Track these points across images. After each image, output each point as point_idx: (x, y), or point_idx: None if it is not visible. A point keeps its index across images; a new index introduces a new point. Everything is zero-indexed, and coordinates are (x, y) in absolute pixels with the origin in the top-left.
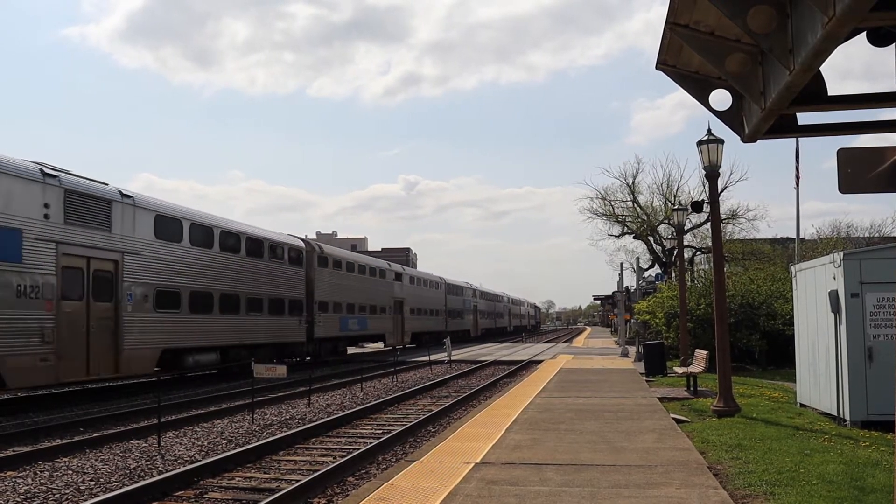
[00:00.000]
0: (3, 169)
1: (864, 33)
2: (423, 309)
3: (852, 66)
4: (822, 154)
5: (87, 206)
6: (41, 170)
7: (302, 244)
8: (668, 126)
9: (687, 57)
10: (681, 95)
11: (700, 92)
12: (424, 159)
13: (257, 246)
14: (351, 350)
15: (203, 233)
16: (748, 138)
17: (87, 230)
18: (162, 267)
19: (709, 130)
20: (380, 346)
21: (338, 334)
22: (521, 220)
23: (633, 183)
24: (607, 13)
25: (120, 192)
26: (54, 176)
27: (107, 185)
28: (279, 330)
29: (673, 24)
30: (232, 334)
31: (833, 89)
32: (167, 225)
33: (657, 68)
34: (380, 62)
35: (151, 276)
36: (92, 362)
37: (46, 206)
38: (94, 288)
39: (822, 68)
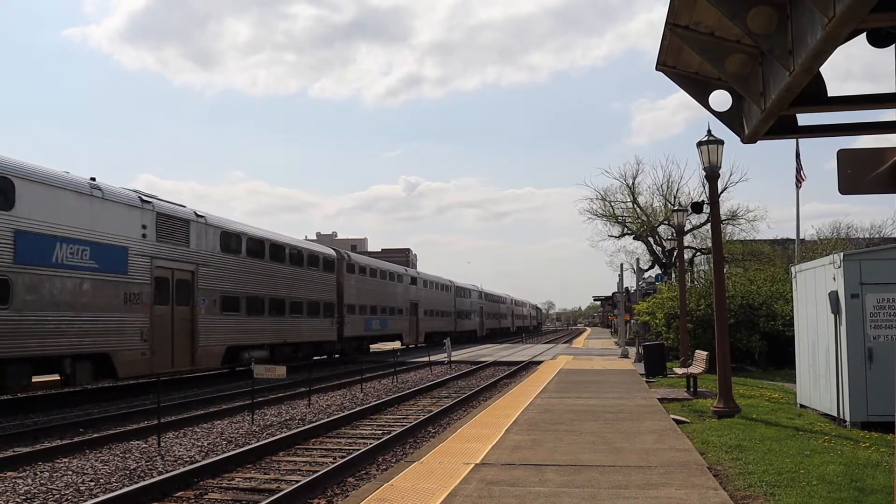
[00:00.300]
0: (113, 198)
1: (864, 34)
2: (435, 310)
3: (853, 67)
4: (823, 155)
5: (172, 225)
6: (139, 197)
7: (334, 253)
8: (669, 127)
9: (687, 58)
10: (682, 96)
11: (700, 93)
12: (425, 160)
13: (298, 256)
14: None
15: (256, 245)
16: (748, 139)
17: (172, 246)
18: (226, 276)
19: (709, 131)
20: (397, 344)
21: (363, 333)
22: (522, 220)
23: (633, 184)
24: (609, 14)
25: (195, 212)
26: (148, 202)
27: (184, 207)
28: (316, 330)
29: (673, 24)
30: (279, 334)
31: (834, 90)
32: (230, 239)
33: (657, 69)
34: (381, 63)
35: (218, 284)
36: (175, 357)
37: (144, 227)
38: (176, 294)
39: (822, 69)
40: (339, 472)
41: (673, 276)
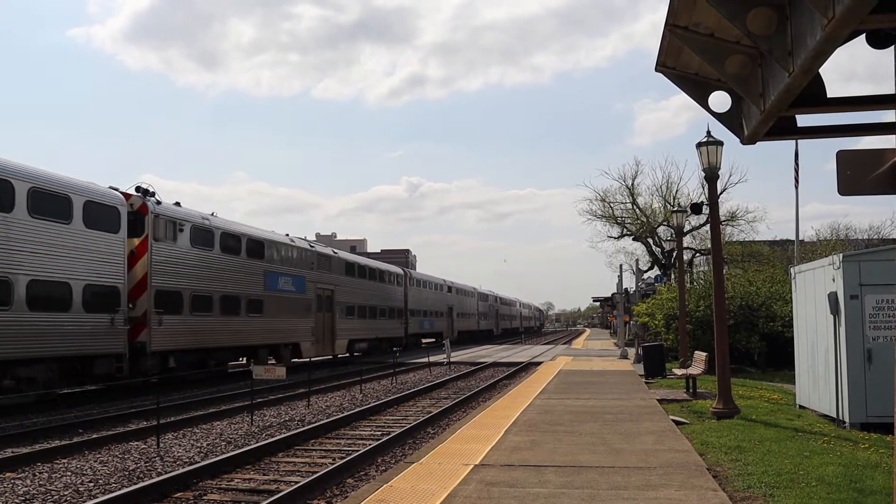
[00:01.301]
0: (298, 245)
1: (864, 35)
2: (464, 312)
3: (856, 67)
4: (824, 156)
5: (323, 260)
6: (309, 244)
7: (402, 272)
8: (672, 128)
9: (686, 59)
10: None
11: (699, 94)
12: (427, 161)
13: (381, 274)
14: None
15: (362, 270)
16: (747, 140)
17: (324, 273)
18: (348, 292)
19: (708, 132)
20: (433, 340)
21: (419, 331)
22: (523, 221)
23: (633, 185)
24: (614, 15)
25: (332, 250)
26: (312, 246)
27: (322, 245)
28: (393, 328)
29: (672, 25)
30: (373, 331)
31: (838, 91)
32: (350, 267)
33: (657, 70)
34: (385, 63)
35: (344, 298)
36: (325, 346)
37: (312, 263)
38: (325, 305)
39: (826, 70)
40: (339, 472)
41: (672, 277)
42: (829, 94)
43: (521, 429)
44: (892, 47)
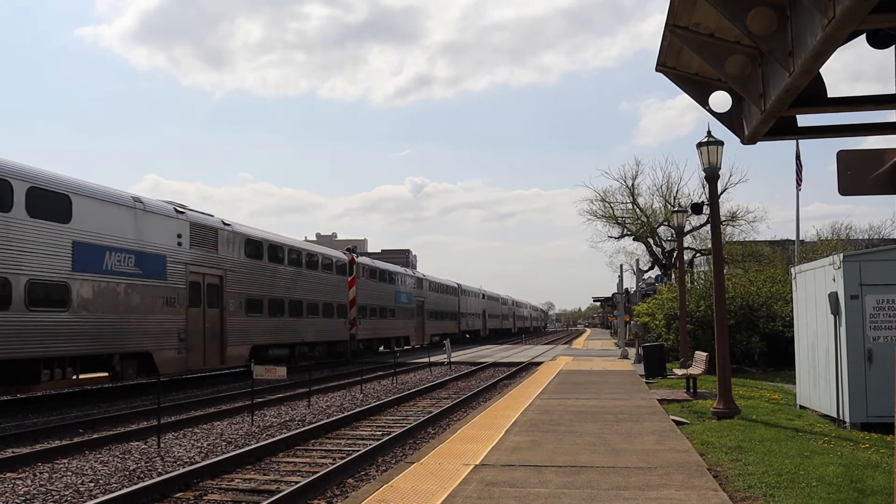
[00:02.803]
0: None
1: (864, 35)
2: (490, 313)
3: (863, 67)
4: (827, 156)
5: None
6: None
7: (422, 275)
8: (678, 127)
9: (687, 59)
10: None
11: (700, 94)
12: (433, 161)
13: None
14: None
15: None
16: (748, 140)
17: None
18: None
19: (708, 132)
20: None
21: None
22: (526, 221)
23: (633, 185)
24: (622, 14)
25: (418, 271)
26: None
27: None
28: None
29: (673, 25)
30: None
31: (845, 91)
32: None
33: (657, 70)
34: (393, 62)
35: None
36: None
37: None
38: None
39: (834, 70)
40: (339, 473)
41: (673, 277)
42: (833, 94)
43: (522, 429)
44: (893, 47)
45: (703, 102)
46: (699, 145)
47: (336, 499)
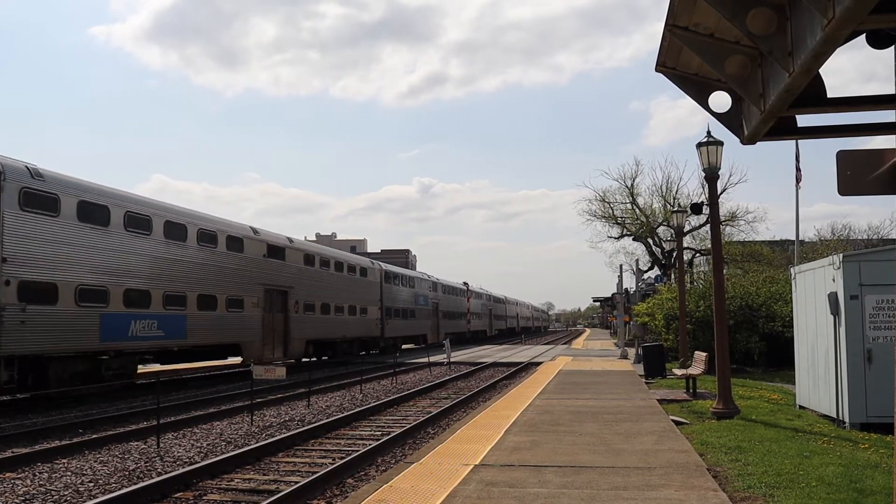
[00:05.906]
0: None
1: (864, 35)
2: (501, 315)
3: (876, 68)
4: (829, 156)
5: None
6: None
7: (466, 285)
8: (687, 127)
9: (686, 59)
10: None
11: (700, 94)
12: (441, 161)
13: (454, 290)
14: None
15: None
16: (747, 140)
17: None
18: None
19: (708, 132)
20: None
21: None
22: (531, 222)
23: (633, 185)
24: (638, 14)
25: (469, 283)
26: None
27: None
28: (460, 325)
29: (672, 26)
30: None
31: (856, 91)
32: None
33: (657, 70)
34: (407, 61)
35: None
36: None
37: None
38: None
39: (846, 70)
40: (339, 473)
41: (672, 277)
42: (831, 95)
43: (521, 429)
44: (893, 47)
45: (703, 102)
46: (699, 145)
47: (336, 499)
